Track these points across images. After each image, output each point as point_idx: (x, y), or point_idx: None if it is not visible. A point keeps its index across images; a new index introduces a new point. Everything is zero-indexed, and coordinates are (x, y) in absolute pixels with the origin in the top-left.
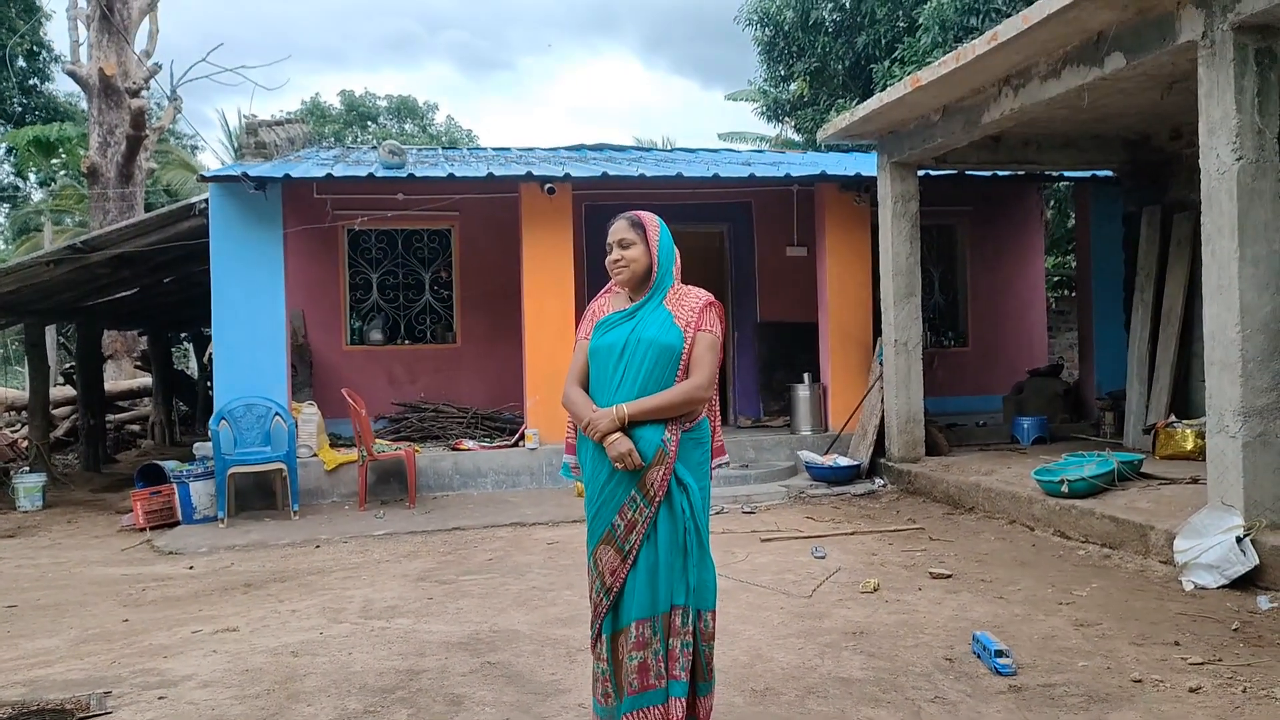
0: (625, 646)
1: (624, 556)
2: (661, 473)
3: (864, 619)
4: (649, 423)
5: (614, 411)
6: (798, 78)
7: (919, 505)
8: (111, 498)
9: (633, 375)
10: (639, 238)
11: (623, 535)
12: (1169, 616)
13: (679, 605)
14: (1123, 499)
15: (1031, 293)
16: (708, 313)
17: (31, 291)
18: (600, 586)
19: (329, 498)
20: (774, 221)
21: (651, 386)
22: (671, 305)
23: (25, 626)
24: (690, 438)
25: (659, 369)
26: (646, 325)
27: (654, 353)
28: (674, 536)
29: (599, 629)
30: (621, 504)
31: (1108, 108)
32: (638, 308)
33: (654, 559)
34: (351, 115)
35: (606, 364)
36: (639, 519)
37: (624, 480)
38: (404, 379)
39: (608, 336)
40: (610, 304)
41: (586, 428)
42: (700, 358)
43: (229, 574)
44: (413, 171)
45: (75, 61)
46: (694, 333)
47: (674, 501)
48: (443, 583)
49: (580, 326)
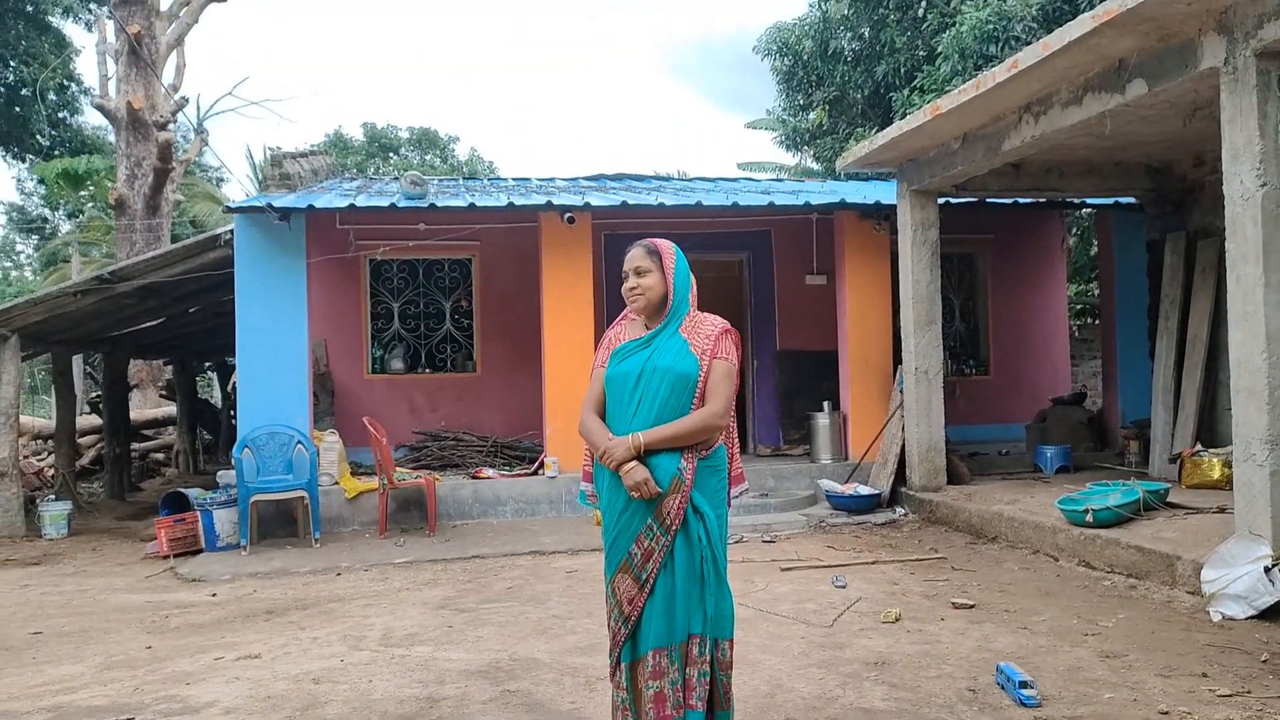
0: (643, 675)
1: (641, 585)
2: (678, 501)
3: (886, 649)
4: (665, 451)
5: (630, 440)
6: (817, 106)
7: (941, 535)
8: (136, 525)
9: (649, 403)
10: (655, 265)
11: (640, 564)
12: (1196, 648)
13: (696, 634)
14: (1149, 529)
15: (1054, 320)
16: (724, 340)
17: (59, 321)
18: (619, 615)
19: (350, 525)
20: (793, 250)
21: (668, 414)
22: (687, 333)
23: (50, 653)
24: (707, 465)
25: (675, 397)
26: (662, 353)
27: (670, 380)
28: (691, 565)
29: (618, 657)
30: (638, 532)
31: (1130, 135)
32: (653, 335)
33: (671, 587)
34: (374, 146)
35: (623, 392)
36: (655, 547)
37: (640, 509)
38: (424, 407)
39: (624, 365)
40: (626, 332)
41: (603, 456)
42: (716, 385)
43: (251, 601)
44: (434, 201)
45: (104, 95)
46: (710, 360)
47: (690, 530)
48: (462, 611)
49: (597, 354)
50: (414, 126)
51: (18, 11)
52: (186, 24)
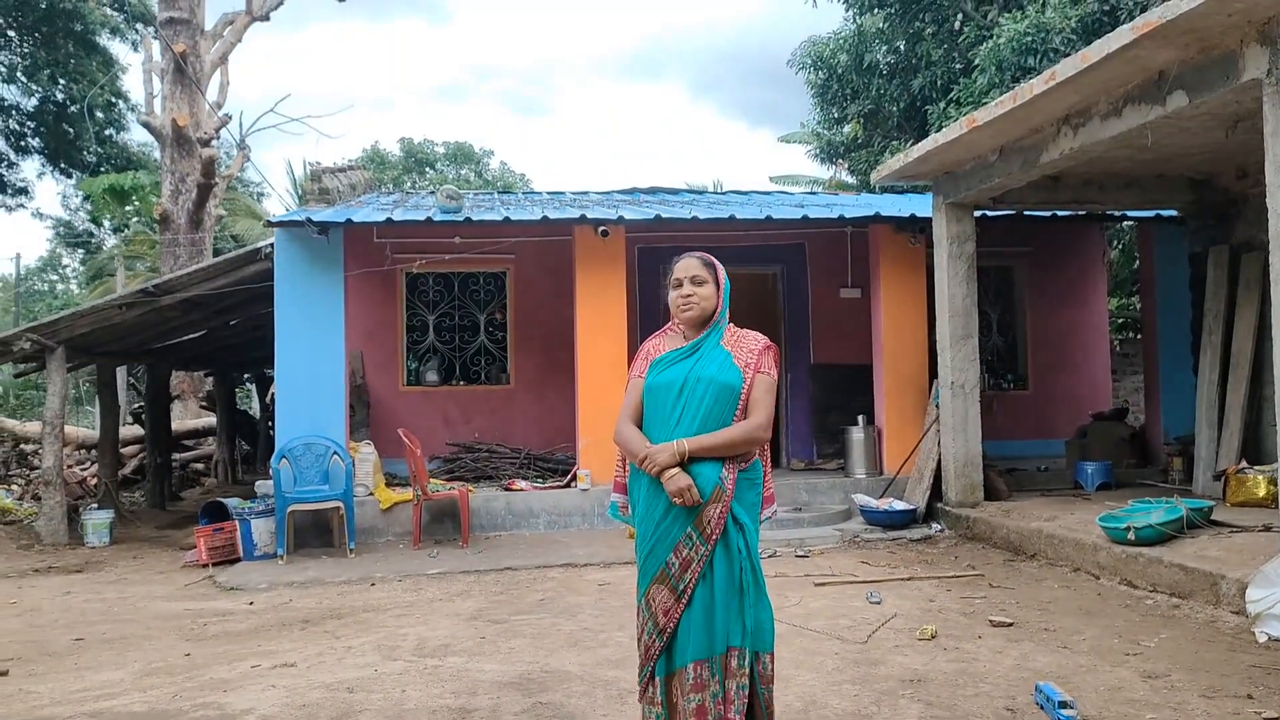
0: (682, 688)
1: (679, 596)
2: (719, 510)
3: (922, 666)
4: (706, 460)
5: (674, 446)
6: (851, 120)
7: (978, 551)
8: (176, 534)
9: (691, 412)
10: (711, 277)
11: (677, 574)
12: (1241, 668)
13: (735, 646)
14: (1192, 547)
15: (1094, 335)
16: (766, 355)
17: (104, 334)
18: (653, 627)
19: (384, 536)
20: (827, 263)
21: (710, 424)
22: (730, 346)
23: (92, 659)
24: (745, 478)
25: (718, 407)
26: (706, 363)
27: (714, 391)
28: (730, 576)
29: (651, 671)
30: (677, 541)
31: (1171, 147)
32: (697, 346)
33: (710, 599)
34: (410, 161)
35: (665, 401)
36: (694, 557)
37: (680, 517)
38: (458, 419)
39: (666, 374)
40: (665, 343)
41: (643, 462)
42: (759, 399)
43: (287, 610)
44: (469, 215)
45: (150, 112)
46: (753, 374)
47: (730, 540)
48: (495, 622)
49: (633, 366)
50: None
51: (67, 31)
52: (230, 43)
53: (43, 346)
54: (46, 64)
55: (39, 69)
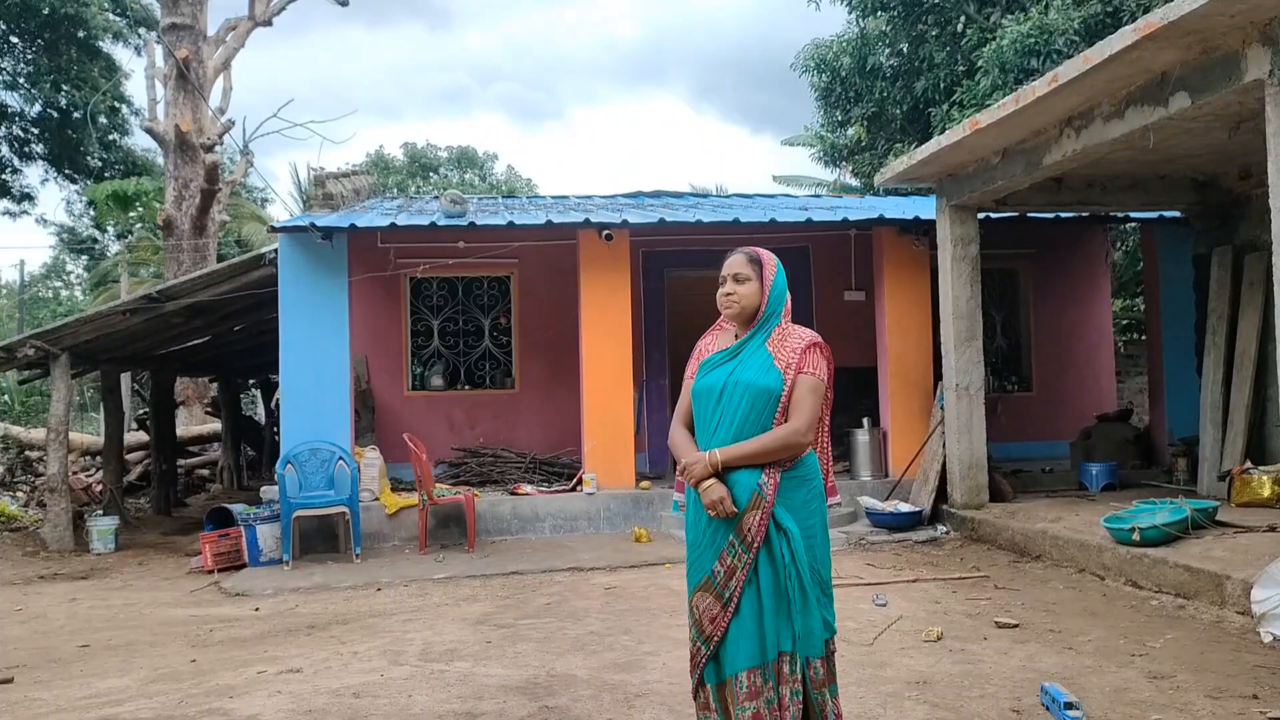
0: (735, 697)
1: (724, 604)
2: (758, 518)
3: (927, 668)
4: (744, 467)
5: (707, 457)
6: (855, 123)
7: (983, 553)
8: (181, 540)
9: (729, 418)
10: (754, 274)
11: (723, 582)
12: (1246, 669)
13: (786, 651)
14: (1197, 548)
15: (1098, 336)
16: (810, 354)
17: (108, 340)
18: (697, 634)
19: (390, 541)
20: (831, 266)
21: (749, 430)
22: (773, 346)
23: (97, 666)
24: (793, 476)
25: (755, 412)
26: (745, 367)
27: (750, 396)
28: (776, 582)
29: (700, 677)
30: (721, 549)
31: (1174, 148)
32: (739, 348)
33: (758, 606)
34: (414, 166)
35: (706, 406)
36: (739, 565)
37: (722, 526)
38: (463, 424)
39: (708, 378)
40: (716, 342)
41: (683, 472)
42: (800, 401)
43: (293, 616)
44: (473, 220)
45: (153, 118)
46: (795, 375)
47: (773, 547)
48: (501, 626)
49: (689, 364)
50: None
51: (69, 37)
52: (233, 48)
53: (47, 353)
54: (49, 70)
55: (42, 75)
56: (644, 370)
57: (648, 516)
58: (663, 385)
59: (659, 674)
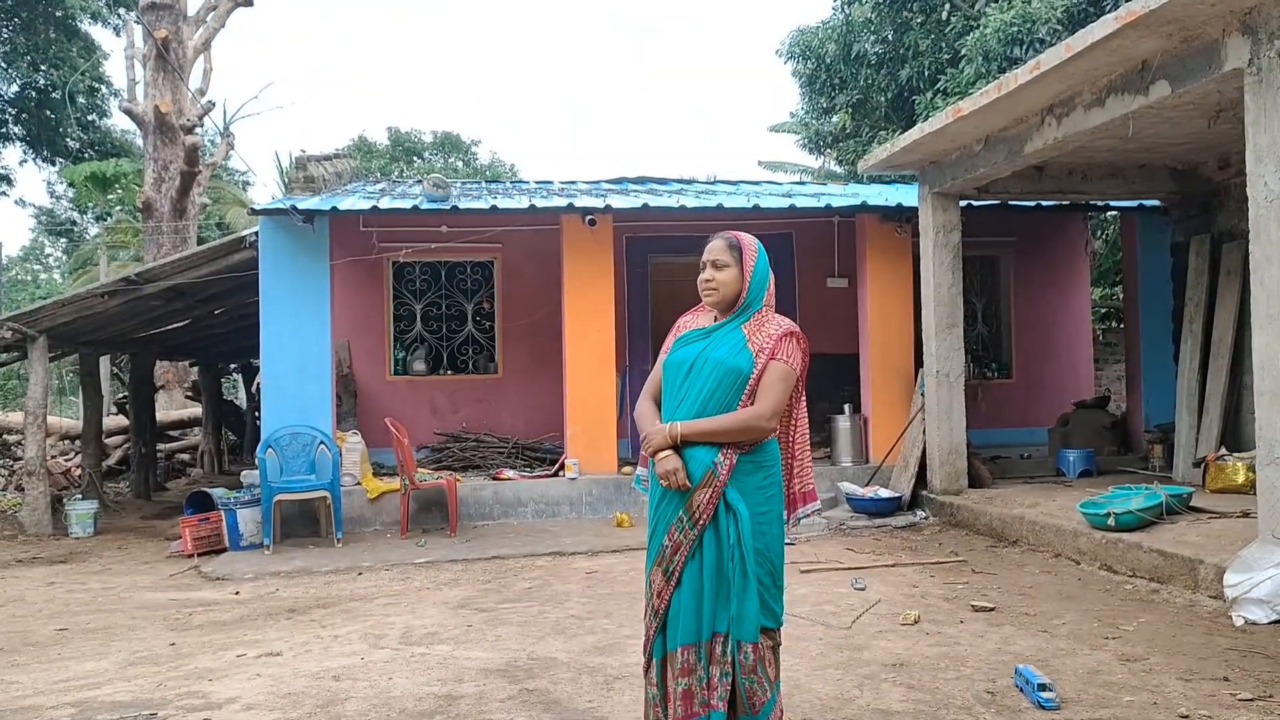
0: (673, 671)
1: (668, 578)
2: (708, 495)
3: (904, 651)
4: (702, 444)
5: (667, 428)
6: (840, 110)
7: (961, 538)
8: (161, 524)
9: (695, 394)
10: (734, 260)
11: (669, 556)
12: (1218, 652)
13: (720, 633)
14: (1171, 533)
15: (1077, 324)
16: (785, 342)
17: (87, 322)
18: (650, 609)
19: (372, 525)
20: (815, 253)
21: (713, 408)
22: (749, 330)
23: (75, 649)
24: (750, 460)
25: (721, 391)
26: (718, 345)
27: (719, 374)
28: (718, 563)
29: (650, 653)
30: (670, 524)
31: (1154, 137)
32: (716, 328)
33: (699, 584)
34: (397, 150)
35: (674, 379)
36: (684, 541)
37: (674, 500)
38: (446, 409)
39: (681, 352)
40: (695, 321)
41: (643, 441)
42: (769, 386)
43: (274, 600)
44: (456, 204)
45: (132, 99)
46: (767, 360)
47: (720, 527)
48: (482, 610)
49: (666, 340)
50: (437, 130)
51: (47, 17)
52: (213, 29)
53: (24, 335)
54: (27, 49)
55: (19, 55)
56: (627, 356)
57: (629, 501)
58: (646, 371)
59: (638, 657)
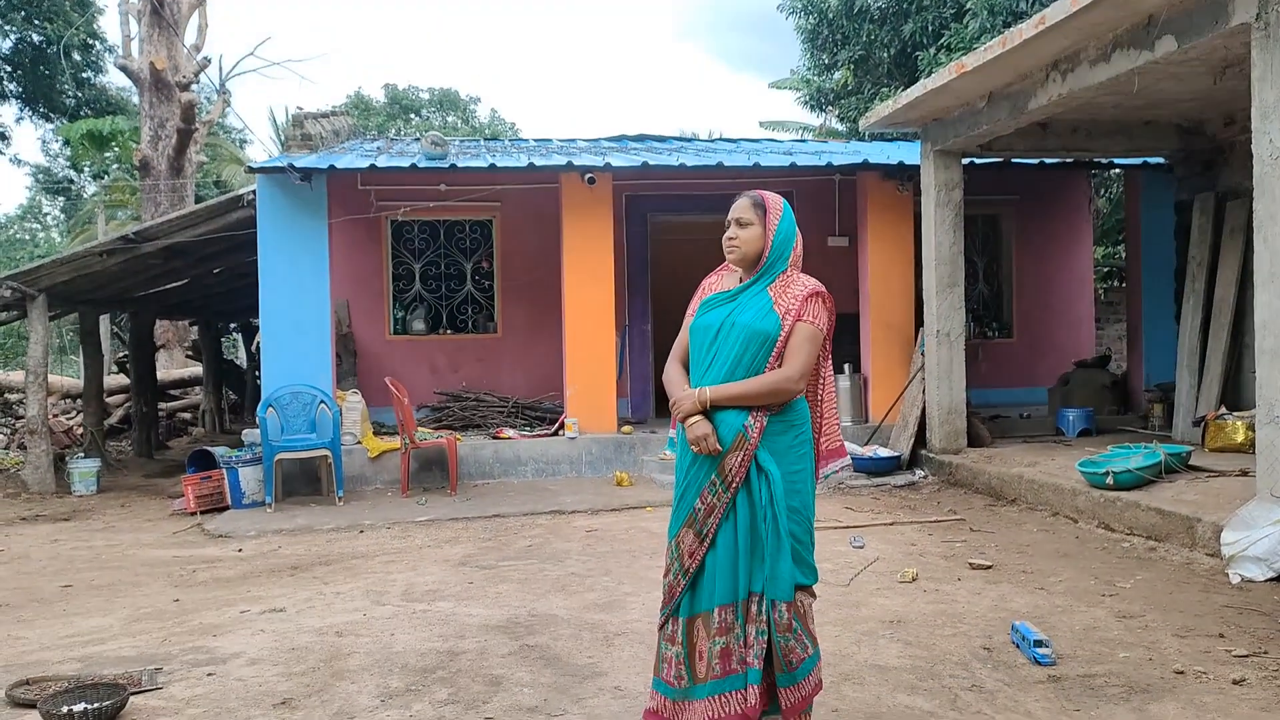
0: (707, 631)
1: (701, 539)
2: (740, 459)
3: (902, 608)
4: (731, 408)
5: (696, 394)
6: (842, 66)
7: (960, 497)
8: (163, 483)
9: (723, 359)
10: (758, 219)
11: (702, 519)
12: (1214, 609)
13: (755, 593)
14: (1169, 491)
15: (1079, 283)
16: (811, 302)
17: (85, 281)
18: (679, 568)
19: (372, 484)
20: (816, 212)
21: (741, 372)
22: (775, 291)
23: (80, 605)
24: (780, 421)
25: (749, 355)
26: (744, 309)
27: (745, 338)
28: (752, 523)
29: (673, 609)
30: (703, 487)
31: (1159, 93)
32: (740, 290)
33: (734, 545)
34: (395, 108)
35: (701, 345)
36: (717, 504)
37: (706, 464)
38: (446, 368)
39: (706, 317)
40: (720, 283)
41: (672, 406)
42: (796, 348)
43: (276, 557)
44: (455, 162)
45: (126, 55)
46: (794, 322)
47: (752, 488)
48: (483, 568)
49: (691, 302)
50: (435, 88)
51: None
52: None
53: (23, 294)
54: (21, 4)
55: (13, 9)
56: (626, 315)
57: (629, 461)
58: (645, 330)
59: (638, 613)
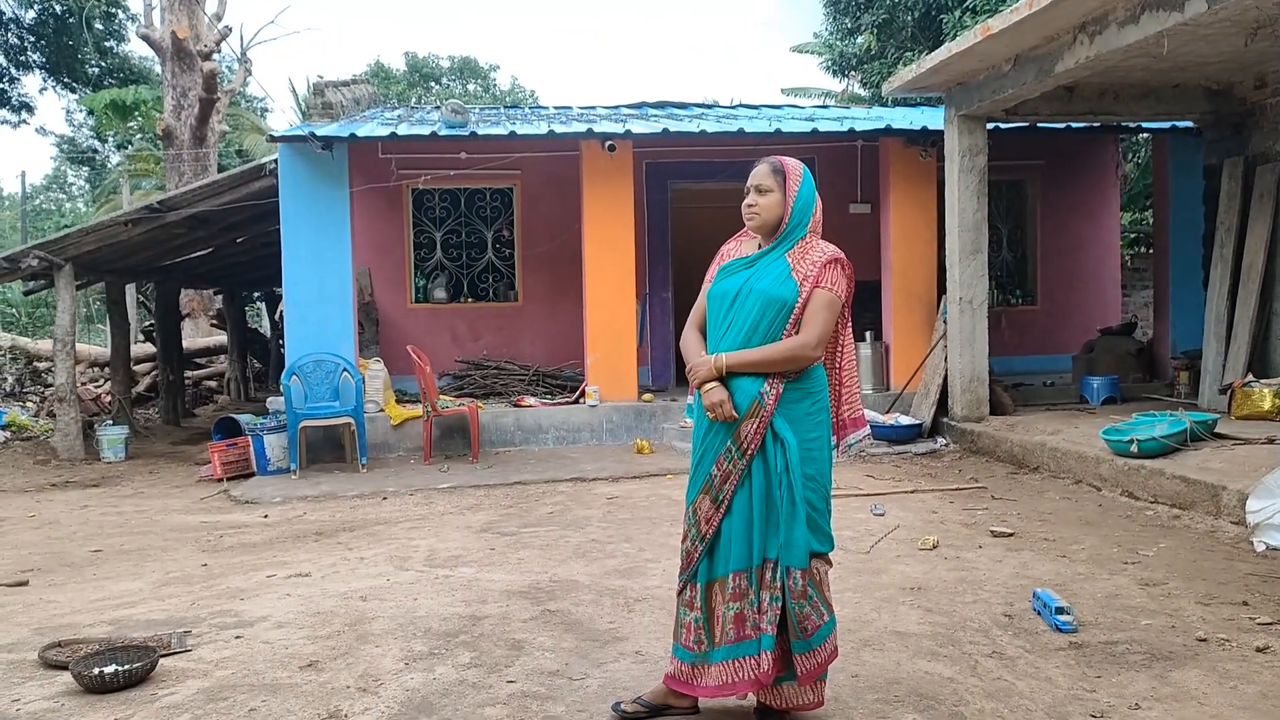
0: (722, 596)
1: (717, 505)
2: (755, 425)
3: (922, 575)
4: (747, 374)
5: (713, 360)
6: (865, 30)
7: (982, 465)
8: (190, 450)
9: (740, 325)
10: (777, 185)
11: (717, 485)
12: (1238, 577)
13: (770, 559)
14: (1194, 459)
15: (1105, 249)
16: (830, 269)
17: (111, 251)
18: (696, 534)
19: (395, 451)
20: (837, 178)
21: (758, 339)
22: (793, 258)
23: (110, 570)
24: (796, 388)
25: (766, 321)
26: (762, 275)
27: (763, 304)
28: (768, 490)
29: (690, 575)
30: (719, 454)
31: (1188, 55)
32: (758, 256)
33: (749, 511)
34: (415, 76)
35: (719, 311)
36: (733, 470)
37: (721, 430)
38: (467, 337)
39: (725, 283)
40: (739, 249)
41: (689, 372)
42: (814, 315)
43: (301, 523)
44: (475, 130)
45: (148, 25)
46: (811, 288)
47: (768, 455)
48: (504, 534)
49: (710, 269)
50: (455, 56)
51: None
52: None
53: (50, 264)
54: None
55: None
56: (647, 283)
57: (650, 429)
58: (666, 298)
59: (659, 580)
